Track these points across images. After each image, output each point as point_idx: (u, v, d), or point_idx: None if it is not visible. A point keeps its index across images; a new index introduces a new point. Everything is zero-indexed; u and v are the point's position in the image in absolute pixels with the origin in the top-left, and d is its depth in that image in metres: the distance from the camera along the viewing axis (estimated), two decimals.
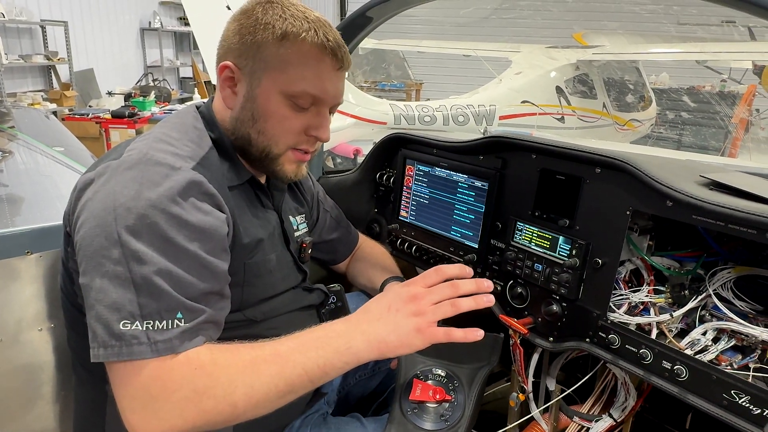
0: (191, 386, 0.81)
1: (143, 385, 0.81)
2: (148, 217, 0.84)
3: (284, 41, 1.01)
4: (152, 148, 0.93)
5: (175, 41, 11.28)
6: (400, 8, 1.46)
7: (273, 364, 0.86)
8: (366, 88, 8.19)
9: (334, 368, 0.89)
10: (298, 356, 0.87)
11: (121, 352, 0.80)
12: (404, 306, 0.94)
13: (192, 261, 0.87)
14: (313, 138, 1.10)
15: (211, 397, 0.81)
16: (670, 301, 1.13)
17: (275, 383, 0.85)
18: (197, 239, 0.88)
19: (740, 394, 0.93)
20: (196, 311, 0.86)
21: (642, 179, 1.07)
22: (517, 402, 1.36)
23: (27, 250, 1.21)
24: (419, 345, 0.92)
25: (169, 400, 0.80)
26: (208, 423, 0.82)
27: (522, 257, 1.30)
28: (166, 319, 0.82)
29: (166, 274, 0.83)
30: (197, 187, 0.92)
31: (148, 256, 0.83)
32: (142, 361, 0.81)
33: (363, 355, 0.90)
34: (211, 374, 0.83)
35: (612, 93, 7.39)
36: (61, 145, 3.30)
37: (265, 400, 0.85)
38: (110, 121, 6.58)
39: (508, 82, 6.73)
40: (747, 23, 7.25)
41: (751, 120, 7.23)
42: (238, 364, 0.85)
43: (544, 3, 9.19)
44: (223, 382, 0.82)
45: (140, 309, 0.81)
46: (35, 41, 7.99)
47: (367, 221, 1.78)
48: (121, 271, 0.82)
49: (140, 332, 0.81)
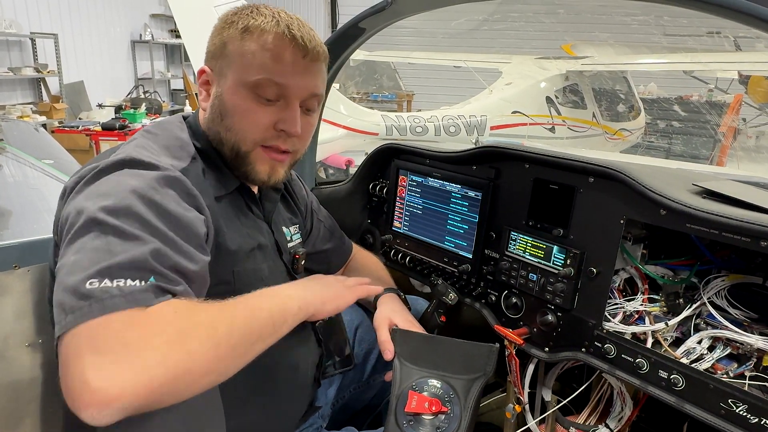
0: (175, 327, 0.74)
1: (115, 335, 0.70)
2: (126, 200, 0.81)
3: (246, 34, 1.02)
4: (135, 151, 0.93)
5: (166, 53, 11.28)
6: (393, 19, 1.47)
7: (243, 307, 0.87)
8: (358, 99, 8.20)
9: (290, 313, 0.96)
10: (264, 302, 0.93)
11: (91, 310, 0.70)
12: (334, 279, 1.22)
13: (170, 244, 0.82)
14: (283, 134, 1.05)
15: (196, 337, 0.75)
16: (665, 309, 1.13)
17: (249, 324, 0.85)
18: (174, 228, 0.84)
19: (737, 402, 0.93)
20: (171, 279, 0.79)
21: (635, 188, 1.07)
22: (514, 413, 1.35)
23: (15, 264, 1.19)
24: (350, 297, 1.18)
25: (149, 346, 0.70)
26: (189, 370, 0.73)
27: (516, 267, 1.30)
28: (138, 279, 0.75)
29: (143, 245, 0.78)
30: (180, 184, 0.91)
31: (126, 230, 0.78)
32: (112, 315, 0.70)
33: (309, 302, 1.03)
34: (191, 316, 0.77)
35: (601, 103, 7.45)
36: (50, 158, 3.28)
37: (241, 344, 0.83)
38: (100, 133, 6.57)
39: (499, 92, 6.77)
40: (732, 34, 7.36)
41: (738, 129, 7.31)
42: (214, 307, 0.82)
43: (535, 14, 9.27)
44: (204, 322, 0.78)
45: (110, 270, 0.74)
46: (25, 53, 7.95)
47: (360, 232, 1.78)
48: (98, 244, 0.77)
49: (111, 287, 0.72)
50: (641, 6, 3.68)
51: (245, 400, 1.07)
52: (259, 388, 1.10)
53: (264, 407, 1.13)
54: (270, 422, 1.15)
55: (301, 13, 1.07)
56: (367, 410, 1.56)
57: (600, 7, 9.40)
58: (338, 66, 1.67)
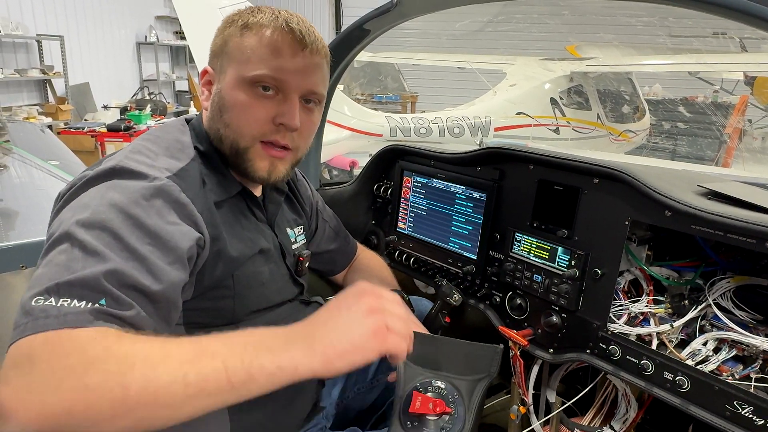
0: (81, 355, 0.66)
1: (29, 352, 0.67)
2: (103, 213, 0.81)
3: (245, 30, 1.02)
4: (127, 158, 0.93)
5: (171, 55, 11.32)
6: (397, 21, 1.47)
7: (187, 350, 0.71)
8: (362, 100, 8.22)
9: (262, 371, 0.72)
10: (220, 347, 0.72)
11: (25, 328, 0.68)
12: (357, 301, 0.82)
13: (138, 262, 0.79)
14: (282, 128, 1.04)
15: (100, 371, 0.65)
16: (670, 311, 1.12)
17: (184, 372, 0.68)
18: (150, 243, 0.82)
19: (743, 404, 0.92)
20: (122, 303, 0.74)
21: (640, 189, 1.07)
22: (518, 414, 1.35)
23: (21, 265, 1.20)
24: (373, 352, 0.78)
25: (49, 368, 0.65)
26: (87, 407, 0.64)
27: (521, 268, 1.29)
28: (85, 299, 0.71)
29: (101, 263, 0.75)
30: (166, 195, 0.89)
31: (90, 247, 0.76)
32: (38, 335, 0.67)
33: (303, 364, 0.74)
34: (108, 347, 0.68)
35: (606, 104, 7.43)
36: (56, 159, 3.29)
37: (167, 393, 0.67)
38: (106, 134, 6.59)
39: (503, 93, 6.77)
40: (738, 35, 7.33)
41: (744, 130, 7.28)
42: (144, 344, 0.70)
43: (540, 15, 9.25)
44: (119, 357, 0.67)
45: (58, 288, 0.71)
46: (31, 55, 8.00)
47: (364, 233, 1.78)
48: (62, 260, 0.75)
49: (51, 306, 0.69)
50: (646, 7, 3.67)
51: (249, 401, 1.07)
52: None
53: (268, 407, 1.13)
54: (274, 422, 1.15)
55: (306, 15, 1.07)
56: (371, 410, 1.56)
57: (605, 8, 9.38)
58: (343, 67, 1.67)
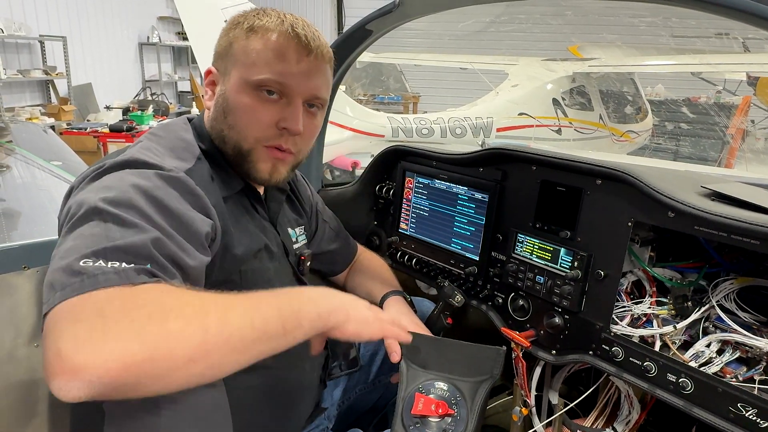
0: (158, 303, 0.69)
1: (94, 306, 0.66)
2: (128, 193, 0.81)
3: (251, 33, 1.02)
4: (140, 153, 0.94)
5: (174, 56, 11.34)
6: (399, 21, 1.47)
7: (247, 300, 0.80)
8: (364, 101, 8.21)
9: (307, 318, 0.85)
10: (272, 299, 0.83)
11: (83, 285, 0.67)
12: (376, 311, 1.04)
13: (170, 239, 0.81)
14: (285, 132, 1.04)
15: (180, 316, 0.69)
16: (673, 312, 1.12)
17: (250, 317, 0.76)
18: (174, 224, 0.83)
19: (747, 407, 0.92)
20: (167, 270, 0.77)
21: (643, 190, 1.06)
22: (520, 416, 1.34)
23: (24, 265, 1.20)
24: (376, 333, 1.01)
25: (126, 318, 0.66)
26: (170, 351, 0.66)
27: (523, 269, 1.29)
28: (134, 263, 0.73)
29: (142, 233, 0.77)
30: (182, 184, 0.91)
31: (126, 219, 0.78)
32: (100, 291, 0.67)
33: (333, 311, 0.90)
34: (181, 296, 0.72)
35: (609, 105, 7.42)
36: (58, 159, 3.30)
37: (239, 337, 0.74)
38: (108, 135, 6.60)
39: (505, 94, 6.76)
40: (741, 35, 7.31)
41: (747, 130, 7.26)
42: (210, 295, 0.76)
43: (542, 16, 9.25)
44: (195, 304, 0.72)
45: (106, 252, 0.72)
46: (34, 56, 8.02)
47: (366, 234, 1.78)
48: (97, 231, 0.75)
49: (105, 267, 0.70)
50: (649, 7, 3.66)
51: (251, 401, 1.07)
52: (265, 389, 1.10)
53: (270, 408, 1.13)
54: (276, 423, 1.15)
55: (308, 16, 1.08)
56: (372, 412, 1.56)
57: (607, 8, 9.38)
58: (345, 68, 1.67)
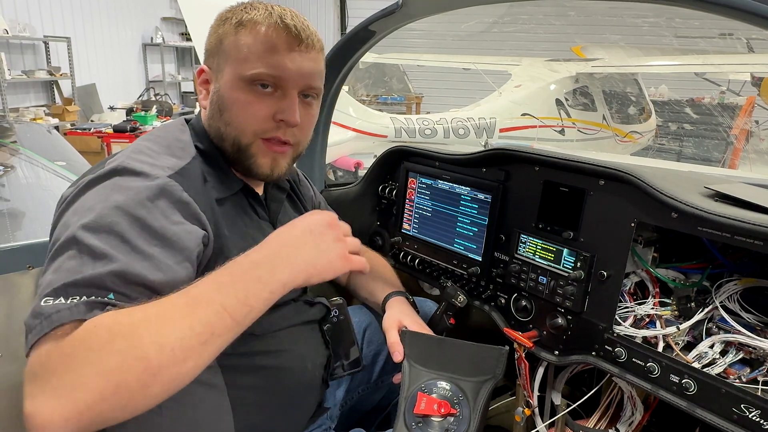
0: (86, 346, 0.69)
1: (39, 362, 0.70)
2: (109, 217, 0.81)
3: (240, 28, 1.02)
4: (129, 158, 0.93)
5: (177, 56, 11.36)
6: (403, 22, 1.47)
7: (183, 306, 0.76)
8: (367, 101, 8.21)
9: (258, 299, 0.82)
10: (213, 294, 0.79)
11: (41, 327, 0.71)
12: (327, 230, 0.96)
13: (146, 261, 0.81)
14: (282, 124, 1.04)
15: (113, 353, 0.69)
16: (677, 313, 1.12)
17: (190, 325, 0.74)
18: (157, 245, 0.83)
19: (750, 408, 0.92)
20: (130, 295, 0.77)
21: (647, 191, 1.06)
22: (523, 416, 1.34)
23: (28, 265, 1.21)
24: (342, 270, 0.96)
25: (65, 369, 0.68)
26: (119, 387, 0.68)
27: (526, 270, 1.29)
28: (94, 296, 0.74)
29: (109, 263, 0.77)
30: (169, 194, 0.90)
31: (98, 250, 0.78)
32: (45, 336, 0.71)
33: (289, 282, 0.86)
34: (109, 329, 0.71)
35: (612, 105, 7.41)
36: (62, 160, 3.31)
37: (183, 348, 0.73)
38: (112, 135, 6.62)
39: (508, 95, 6.75)
40: (745, 36, 7.29)
41: (751, 131, 7.24)
42: (141, 315, 0.74)
43: (545, 16, 9.24)
44: (124, 334, 0.70)
45: (66, 288, 0.74)
46: (38, 57, 8.05)
47: (369, 234, 1.78)
48: (72, 265, 0.77)
49: (61, 304, 0.72)
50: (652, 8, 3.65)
51: (253, 401, 1.07)
52: (267, 389, 1.10)
53: (272, 408, 1.13)
54: (278, 423, 1.15)
55: (310, 16, 1.08)
56: (375, 411, 1.56)
57: (611, 9, 9.36)
58: (348, 69, 1.67)
